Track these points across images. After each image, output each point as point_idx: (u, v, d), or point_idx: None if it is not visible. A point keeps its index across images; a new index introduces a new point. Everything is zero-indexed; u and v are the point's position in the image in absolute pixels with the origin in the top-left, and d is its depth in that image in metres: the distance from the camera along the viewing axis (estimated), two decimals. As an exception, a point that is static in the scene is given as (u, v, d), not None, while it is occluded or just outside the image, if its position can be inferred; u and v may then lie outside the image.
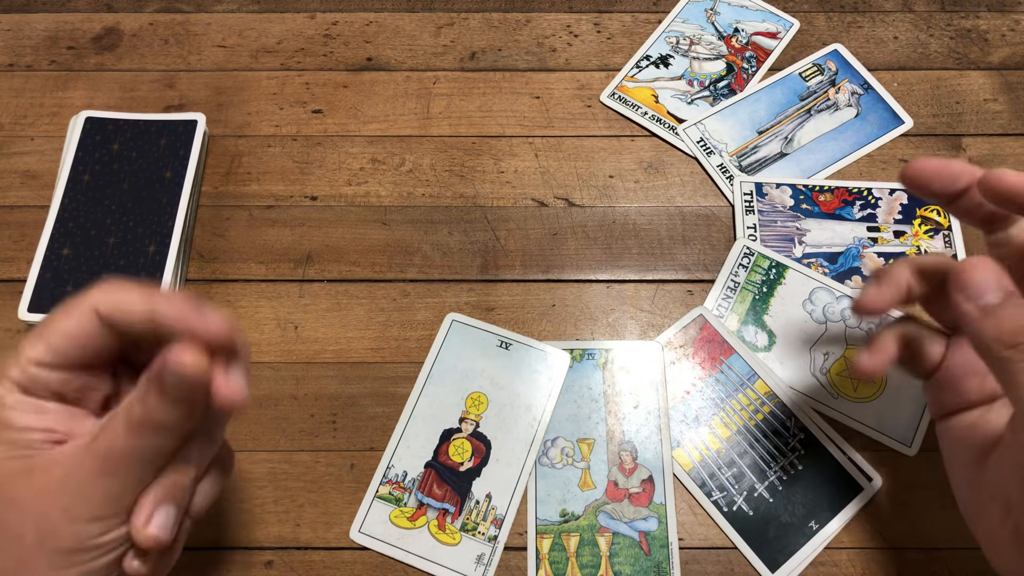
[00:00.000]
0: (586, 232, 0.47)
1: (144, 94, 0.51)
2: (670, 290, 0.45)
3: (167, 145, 0.47)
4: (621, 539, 0.39)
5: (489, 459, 0.40)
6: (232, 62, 0.52)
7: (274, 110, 0.50)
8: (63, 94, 0.51)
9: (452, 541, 0.39)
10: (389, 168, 0.48)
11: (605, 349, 0.43)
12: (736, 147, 0.49)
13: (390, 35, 0.53)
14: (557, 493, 0.40)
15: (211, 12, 0.54)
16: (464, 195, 0.48)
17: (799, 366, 0.43)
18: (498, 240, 0.46)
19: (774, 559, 0.38)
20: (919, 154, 0.49)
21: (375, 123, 0.50)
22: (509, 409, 0.41)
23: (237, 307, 0.44)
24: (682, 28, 0.54)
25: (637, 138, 0.50)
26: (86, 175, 0.46)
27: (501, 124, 0.50)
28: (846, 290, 0.44)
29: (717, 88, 0.51)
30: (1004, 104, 0.50)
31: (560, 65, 0.52)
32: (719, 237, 0.46)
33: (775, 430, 0.41)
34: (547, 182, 0.48)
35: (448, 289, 0.45)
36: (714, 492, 0.40)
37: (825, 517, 0.39)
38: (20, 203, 0.47)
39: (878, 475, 0.40)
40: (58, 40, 0.53)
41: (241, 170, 0.48)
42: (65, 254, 0.43)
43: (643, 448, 0.40)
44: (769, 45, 0.53)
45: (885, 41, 0.53)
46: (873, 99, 0.51)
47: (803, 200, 0.47)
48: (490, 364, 0.42)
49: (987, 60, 0.52)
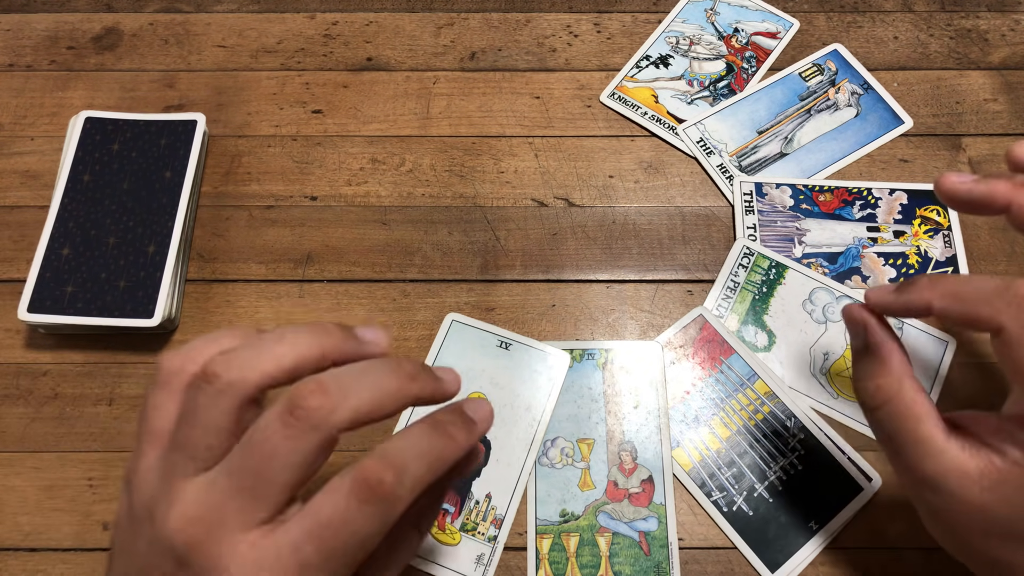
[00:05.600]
0: (586, 232, 0.47)
1: (144, 94, 0.51)
2: (670, 290, 0.45)
3: (167, 145, 0.47)
4: (621, 539, 0.39)
5: (489, 459, 0.40)
6: (232, 62, 0.52)
7: (274, 110, 0.50)
8: (63, 94, 0.51)
9: (452, 541, 0.39)
10: (389, 168, 0.49)
11: (605, 349, 0.43)
12: (736, 147, 0.49)
13: (390, 35, 0.53)
14: (557, 493, 0.40)
15: (211, 12, 0.54)
16: (464, 195, 0.48)
17: (799, 366, 0.43)
18: (498, 240, 0.46)
19: (774, 559, 0.38)
20: (919, 154, 0.49)
21: (375, 123, 0.50)
22: (509, 409, 0.41)
23: (237, 307, 0.44)
24: (682, 28, 0.54)
25: (637, 138, 0.50)
26: (86, 175, 0.46)
27: (501, 124, 0.50)
28: (846, 290, 0.44)
29: (717, 88, 0.51)
30: (1004, 104, 0.50)
31: (560, 65, 0.52)
32: (719, 237, 0.46)
33: (775, 430, 0.41)
34: (547, 182, 0.48)
35: (448, 289, 0.45)
36: (714, 492, 0.40)
37: (825, 517, 0.39)
38: (20, 203, 0.47)
39: (878, 475, 0.40)
40: (58, 40, 0.53)
41: (241, 170, 0.48)
42: (65, 254, 0.43)
43: (643, 448, 0.40)
44: (769, 45, 0.53)
45: (885, 41, 0.53)
46: (873, 99, 0.51)
47: (803, 200, 0.47)
48: (490, 364, 0.42)
49: (987, 60, 0.52)
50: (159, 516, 0.26)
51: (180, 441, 0.26)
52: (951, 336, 0.43)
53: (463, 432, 0.28)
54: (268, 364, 0.27)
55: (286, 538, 0.25)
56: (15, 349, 0.43)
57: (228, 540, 0.25)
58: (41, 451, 0.41)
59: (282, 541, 0.25)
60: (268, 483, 0.25)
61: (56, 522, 0.39)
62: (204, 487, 0.26)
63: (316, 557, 0.25)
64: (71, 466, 0.40)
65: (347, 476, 0.25)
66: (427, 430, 0.28)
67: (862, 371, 0.33)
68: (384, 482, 0.25)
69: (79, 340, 0.43)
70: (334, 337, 0.28)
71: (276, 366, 0.27)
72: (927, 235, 0.46)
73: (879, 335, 0.32)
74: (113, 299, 0.42)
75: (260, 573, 0.25)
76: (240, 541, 0.25)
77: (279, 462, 0.25)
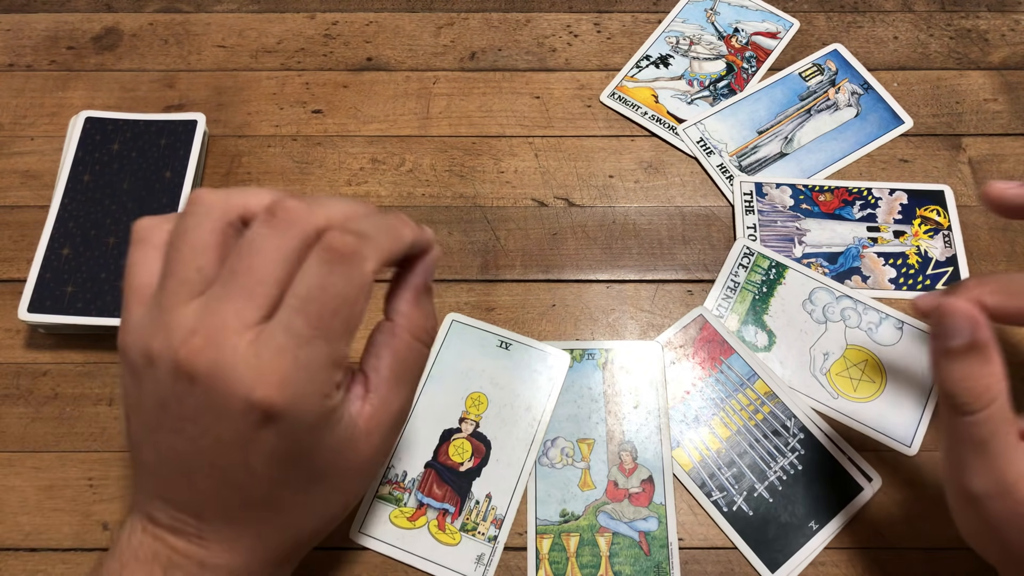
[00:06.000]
0: (586, 232, 0.47)
1: (144, 94, 0.51)
2: (670, 290, 0.45)
3: (167, 145, 0.47)
4: (621, 539, 0.39)
5: (489, 459, 0.40)
6: (232, 62, 0.52)
7: (274, 110, 0.50)
8: (63, 94, 0.51)
9: (452, 541, 0.39)
10: (389, 168, 0.49)
11: (605, 349, 0.43)
12: (736, 147, 0.49)
13: (390, 35, 0.53)
14: (557, 493, 0.40)
15: (211, 12, 0.54)
16: (464, 195, 0.48)
17: (799, 366, 0.43)
18: (498, 240, 0.46)
19: (774, 559, 0.38)
20: (919, 154, 0.49)
21: (375, 123, 0.50)
22: (509, 409, 0.41)
23: (237, 307, 0.44)
24: (682, 28, 0.54)
25: (637, 138, 0.50)
26: (86, 175, 0.46)
27: (501, 124, 0.50)
28: (846, 290, 0.44)
29: (717, 88, 0.51)
30: (1004, 104, 0.50)
31: (560, 65, 0.52)
32: (719, 237, 0.46)
33: (775, 430, 0.41)
34: (547, 182, 0.48)
35: (448, 289, 0.45)
36: (714, 492, 0.40)
37: (825, 517, 0.39)
38: (20, 203, 0.47)
39: (878, 475, 0.40)
40: (58, 40, 0.53)
41: (241, 170, 0.48)
42: (65, 254, 0.43)
43: (643, 448, 0.40)
44: (769, 45, 0.53)
45: (885, 41, 0.53)
46: (873, 99, 0.51)
47: (803, 200, 0.47)
48: (490, 364, 0.42)
49: (987, 60, 0.52)
50: (157, 351, 0.27)
51: (170, 268, 0.28)
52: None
53: (411, 221, 0.31)
54: (244, 194, 0.29)
55: (278, 323, 0.26)
56: (15, 349, 0.43)
57: (229, 343, 0.26)
58: (41, 451, 0.41)
59: (275, 327, 0.26)
60: (258, 281, 0.26)
61: (56, 522, 0.39)
62: (199, 306, 0.27)
63: (308, 328, 0.26)
64: (71, 466, 0.40)
65: (314, 250, 0.27)
66: (377, 214, 0.30)
67: (966, 371, 0.30)
68: (347, 243, 0.27)
69: (79, 340, 0.43)
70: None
71: (255, 198, 0.29)
72: (927, 235, 0.46)
73: (987, 333, 0.30)
74: (113, 299, 0.42)
75: (263, 361, 0.26)
76: (240, 341, 0.26)
77: (265, 258, 0.26)
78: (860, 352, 0.43)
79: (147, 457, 0.29)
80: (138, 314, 0.28)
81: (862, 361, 0.43)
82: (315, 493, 0.30)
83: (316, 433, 0.28)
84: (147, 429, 0.28)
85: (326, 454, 0.29)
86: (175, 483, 0.28)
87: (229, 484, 0.28)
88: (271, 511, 0.29)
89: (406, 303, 0.32)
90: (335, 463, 0.29)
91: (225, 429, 0.26)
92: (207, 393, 0.26)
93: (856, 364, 0.43)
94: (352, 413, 0.29)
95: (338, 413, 0.28)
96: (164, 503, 0.29)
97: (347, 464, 0.30)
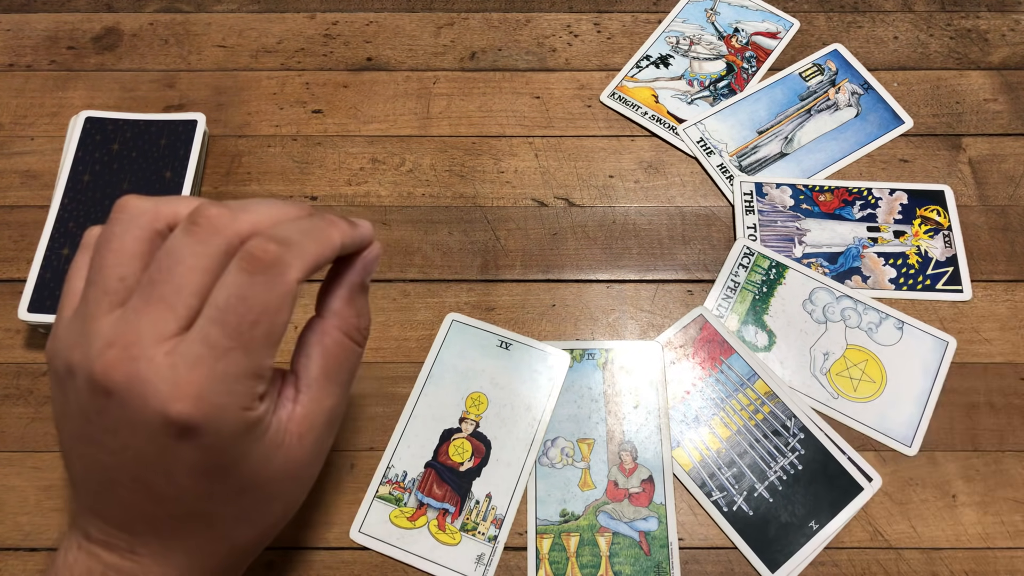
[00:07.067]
0: (586, 232, 0.47)
1: (144, 94, 0.51)
2: (670, 290, 0.45)
3: (167, 145, 0.47)
4: (621, 539, 0.39)
5: (489, 459, 0.40)
6: (232, 62, 0.52)
7: (274, 110, 0.50)
8: (63, 94, 0.51)
9: (452, 541, 0.39)
10: (389, 168, 0.49)
11: (605, 349, 0.43)
12: (736, 147, 0.49)
13: (390, 35, 0.53)
14: (557, 493, 0.40)
15: (211, 12, 0.54)
16: (464, 195, 0.48)
17: (799, 366, 0.43)
18: (498, 240, 0.46)
19: (774, 559, 0.38)
20: (919, 154, 0.49)
21: (375, 123, 0.50)
22: (509, 409, 0.41)
23: (237, 307, 0.44)
24: (682, 28, 0.54)
25: (637, 138, 0.50)
26: (86, 175, 0.46)
27: (501, 124, 0.50)
28: (846, 290, 0.44)
29: (717, 88, 0.51)
30: (1004, 104, 0.50)
31: (560, 65, 0.52)
32: (719, 237, 0.46)
33: (775, 430, 0.41)
34: (547, 182, 0.48)
35: (448, 289, 0.45)
36: (714, 492, 0.40)
37: (825, 517, 0.39)
38: (20, 203, 0.47)
39: (878, 475, 0.40)
40: (58, 40, 0.53)
41: (241, 170, 0.48)
42: (65, 254, 0.43)
43: (643, 448, 0.40)
44: (769, 45, 0.53)
45: (885, 41, 0.53)
46: (873, 99, 0.51)
47: (803, 200, 0.47)
48: (490, 364, 0.42)
49: (987, 60, 0.52)
50: (76, 362, 0.26)
51: (93, 277, 0.27)
52: (951, 336, 0.43)
53: (343, 222, 0.29)
54: (175, 202, 0.28)
55: (195, 333, 0.25)
56: (15, 349, 0.43)
57: (145, 356, 0.25)
58: (41, 451, 0.41)
59: (192, 337, 0.25)
60: (176, 291, 0.26)
61: (56, 522, 0.39)
62: (118, 316, 0.26)
63: (226, 339, 0.25)
64: (71, 466, 0.40)
65: (234, 259, 0.26)
66: (306, 217, 0.29)
67: None
68: (268, 251, 0.26)
69: (79, 340, 0.43)
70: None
71: (186, 206, 0.28)
72: (927, 235, 0.46)
73: None
74: (113, 299, 0.42)
75: (179, 374, 0.25)
76: (156, 353, 0.25)
77: (184, 267, 0.26)
78: (860, 352, 0.43)
79: (76, 468, 0.28)
80: (64, 322, 0.28)
81: (862, 361, 0.43)
82: (247, 503, 0.29)
83: (240, 445, 0.27)
84: (73, 439, 0.28)
85: (254, 464, 0.28)
86: (103, 496, 0.28)
87: (154, 498, 0.27)
88: (201, 523, 0.29)
89: (339, 300, 0.31)
90: (266, 471, 0.29)
91: (144, 443, 0.26)
92: (123, 407, 0.25)
93: (856, 364, 0.43)
94: (282, 418, 0.29)
95: (264, 423, 0.28)
96: (95, 517, 0.28)
97: (280, 471, 0.29)
